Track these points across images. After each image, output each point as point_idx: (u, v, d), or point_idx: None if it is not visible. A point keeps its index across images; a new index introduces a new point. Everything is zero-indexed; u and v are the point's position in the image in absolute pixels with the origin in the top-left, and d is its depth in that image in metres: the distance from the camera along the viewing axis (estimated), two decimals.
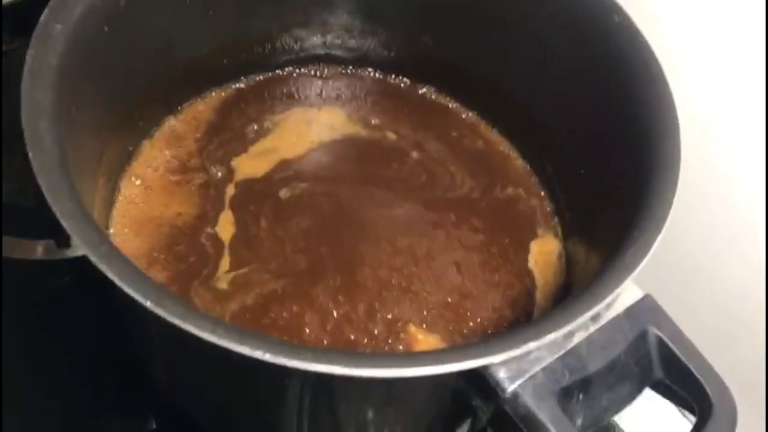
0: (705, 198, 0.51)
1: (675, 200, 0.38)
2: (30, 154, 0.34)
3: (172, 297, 0.31)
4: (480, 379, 0.33)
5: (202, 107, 0.55)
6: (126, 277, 0.31)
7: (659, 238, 0.36)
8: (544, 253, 0.52)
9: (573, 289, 0.50)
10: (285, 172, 0.53)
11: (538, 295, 0.50)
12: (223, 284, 0.46)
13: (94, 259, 0.32)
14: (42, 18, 0.39)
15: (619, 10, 0.46)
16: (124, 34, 0.45)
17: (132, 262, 0.33)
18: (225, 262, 0.47)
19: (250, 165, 0.53)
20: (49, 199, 0.33)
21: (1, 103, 0.61)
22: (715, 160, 0.51)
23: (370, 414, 0.40)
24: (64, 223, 0.33)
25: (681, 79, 0.44)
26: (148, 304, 0.31)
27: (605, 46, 0.46)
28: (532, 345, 0.32)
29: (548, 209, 0.54)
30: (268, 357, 0.30)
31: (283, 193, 0.52)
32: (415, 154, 0.56)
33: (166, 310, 0.31)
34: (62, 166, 0.35)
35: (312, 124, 0.57)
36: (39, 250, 0.58)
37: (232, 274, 0.46)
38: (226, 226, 0.48)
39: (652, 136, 0.42)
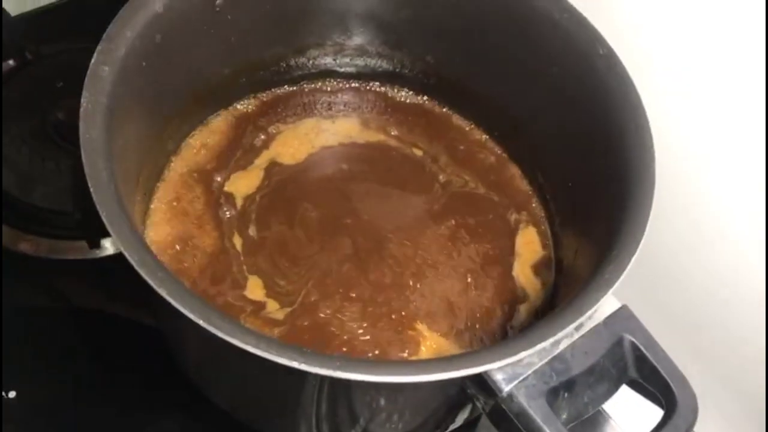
0: (678, 217, 0.56)
1: (650, 220, 0.43)
2: (92, 191, 0.38)
3: (220, 315, 0.37)
4: (480, 381, 0.39)
5: (223, 122, 0.60)
6: (180, 298, 0.37)
7: (634, 257, 0.41)
8: (530, 242, 0.58)
9: (560, 287, 0.56)
10: (295, 175, 0.59)
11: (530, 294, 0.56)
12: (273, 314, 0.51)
13: (152, 283, 0.37)
14: (92, 62, 0.43)
15: (604, 43, 0.50)
16: (159, 66, 0.49)
17: (183, 284, 0.38)
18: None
19: (256, 176, 0.58)
20: (111, 230, 0.38)
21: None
22: (688, 181, 0.56)
23: (382, 402, 0.45)
24: (124, 249, 0.38)
25: (658, 104, 0.49)
26: (200, 322, 0.36)
27: (590, 75, 0.51)
28: (524, 353, 0.38)
29: (540, 214, 0.59)
30: (303, 366, 0.36)
31: (293, 196, 0.57)
32: (426, 160, 0.61)
33: (215, 327, 0.36)
34: (118, 198, 0.40)
35: (325, 133, 0.62)
36: (72, 250, 0.63)
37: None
38: (255, 290, 0.52)
39: (629, 161, 0.47)
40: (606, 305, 0.42)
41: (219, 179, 0.57)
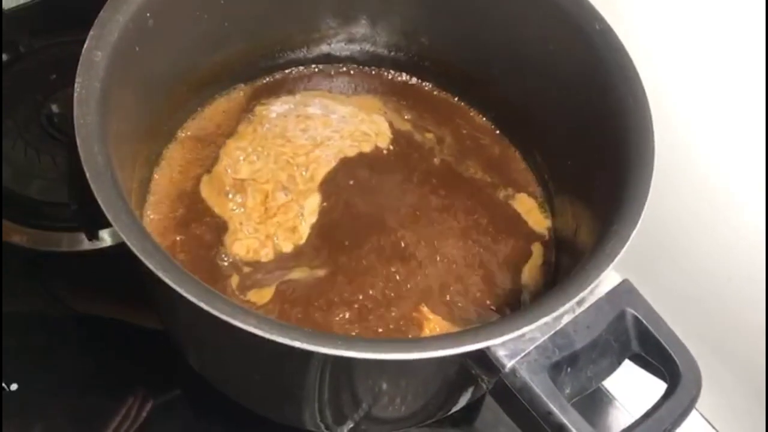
0: (678, 190, 0.56)
1: (650, 194, 0.43)
2: (88, 175, 0.38)
3: (221, 298, 0.36)
4: (483, 358, 0.39)
5: (218, 108, 0.59)
6: (182, 282, 0.36)
7: (634, 232, 0.41)
8: (530, 222, 0.58)
9: (561, 266, 0.56)
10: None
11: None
12: None
13: (151, 266, 0.37)
14: (85, 47, 0.43)
15: (601, 19, 0.50)
16: (152, 51, 0.49)
17: (184, 269, 0.38)
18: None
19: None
20: (109, 216, 0.38)
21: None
22: (687, 155, 0.55)
23: (385, 384, 0.45)
24: (123, 236, 0.37)
25: (654, 78, 0.49)
26: (202, 305, 0.36)
27: (588, 51, 0.50)
28: (526, 329, 0.38)
29: (539, 193, 0.59)
30: (305, 346, 0.36)
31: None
32: (427, 144, 0.60)
33: (217, 309, 0.36)
34: (114, 184, 0.40)
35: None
36: (70, 242, 0.63)
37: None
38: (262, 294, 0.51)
39: (628, 134, 0.46)
40: (607, 280, 0.41)
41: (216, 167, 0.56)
